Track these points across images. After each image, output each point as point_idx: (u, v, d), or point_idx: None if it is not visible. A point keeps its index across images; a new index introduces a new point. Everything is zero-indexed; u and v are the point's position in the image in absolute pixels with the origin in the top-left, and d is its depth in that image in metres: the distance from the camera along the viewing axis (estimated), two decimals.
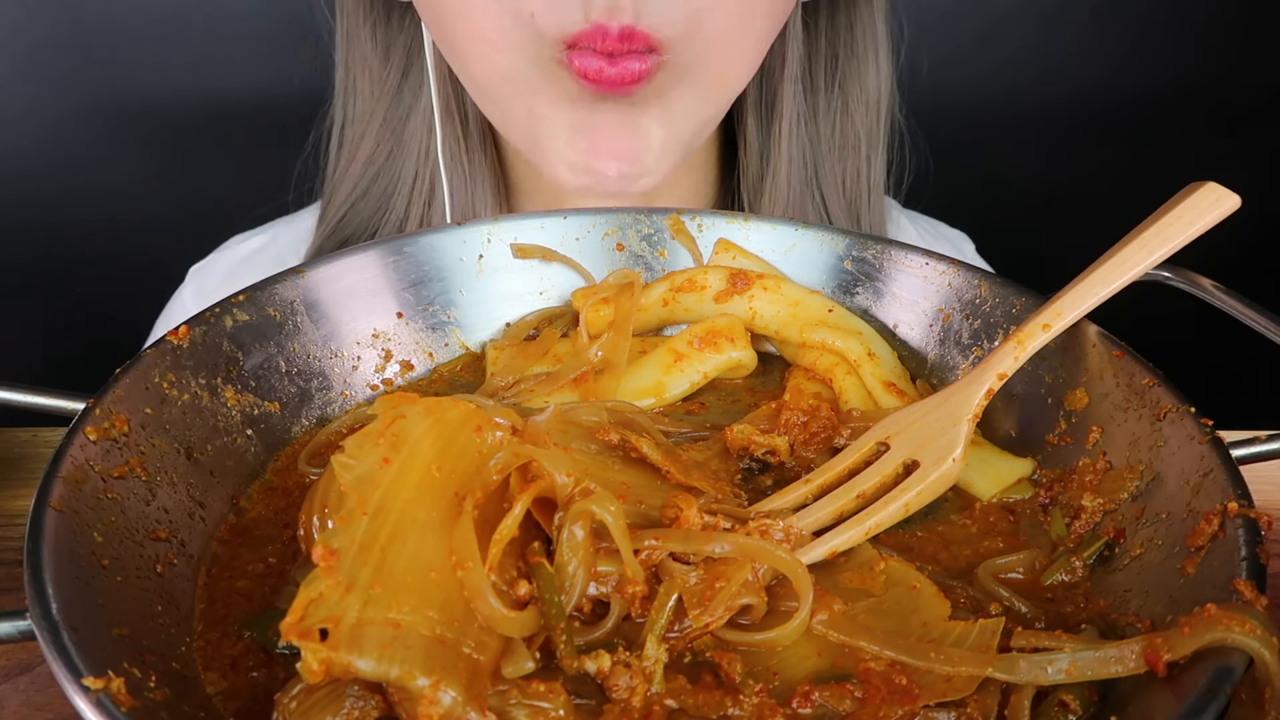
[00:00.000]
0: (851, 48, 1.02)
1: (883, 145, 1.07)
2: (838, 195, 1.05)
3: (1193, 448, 0.55)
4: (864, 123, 1.04)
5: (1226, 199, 0.63)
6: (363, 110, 1.03)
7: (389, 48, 1.01)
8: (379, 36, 1.01)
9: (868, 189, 1.07)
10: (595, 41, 0.76)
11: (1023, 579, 0.57)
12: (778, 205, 1.02)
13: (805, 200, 1.03)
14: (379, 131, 1.02)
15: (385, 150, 1.03)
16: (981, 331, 0.71)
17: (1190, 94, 1.63)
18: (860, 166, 1.05)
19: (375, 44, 1.01)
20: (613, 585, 0.52)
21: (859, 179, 1.06)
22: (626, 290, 0.74)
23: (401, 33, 1.00)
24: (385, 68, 1.01)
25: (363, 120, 1.03)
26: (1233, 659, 0.44)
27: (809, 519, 0.58)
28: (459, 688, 0.44)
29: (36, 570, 0.46)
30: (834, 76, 1.03)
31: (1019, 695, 0.47)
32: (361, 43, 1.01)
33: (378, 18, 1.00)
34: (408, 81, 1.01)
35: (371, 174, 1.03)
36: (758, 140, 1.02)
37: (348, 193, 1.04)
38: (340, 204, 1.04)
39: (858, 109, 1.04)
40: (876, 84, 1.04)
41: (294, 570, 0.56)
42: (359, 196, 1.04)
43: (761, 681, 0.49)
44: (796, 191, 1.02)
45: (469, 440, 0.53)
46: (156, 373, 0.60)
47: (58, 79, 1.48)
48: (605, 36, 0.75)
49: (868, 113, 1.04)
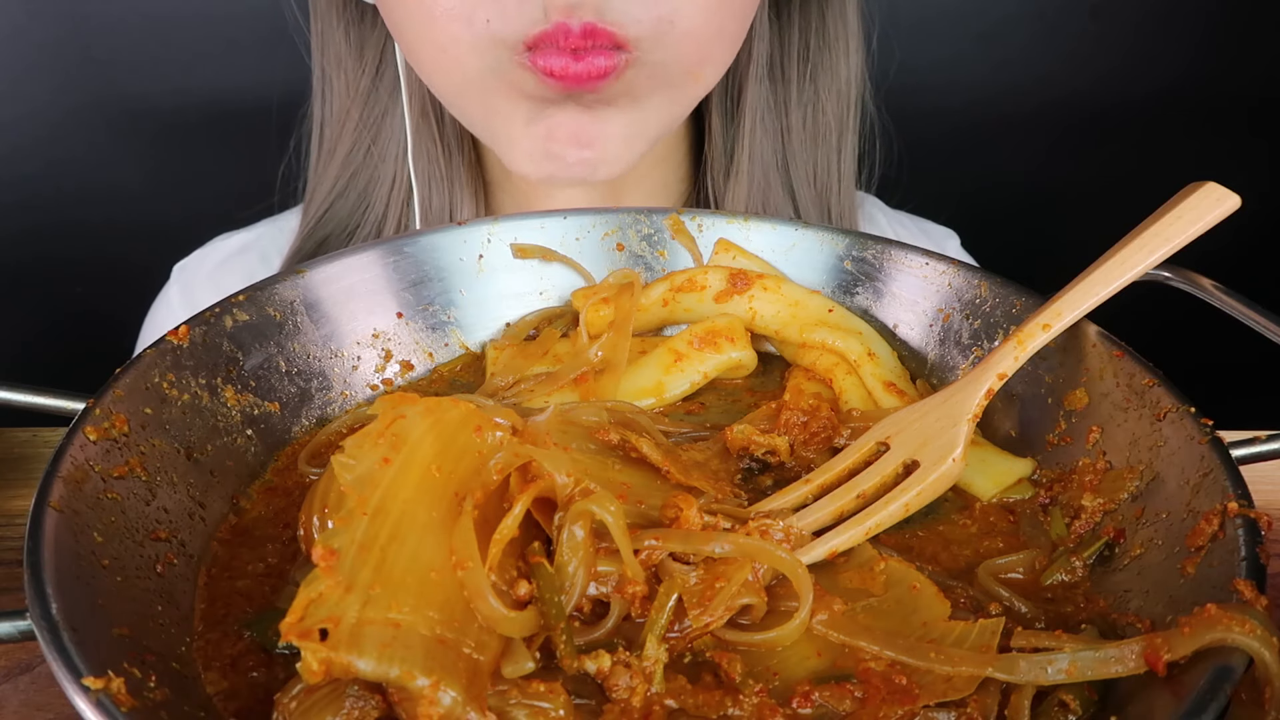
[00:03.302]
0: (824, 38, 1.02)
1: (852, 134, 1.06)
2: (808, 185, 1.05)
3: (1193, 448, 0.55)
4: (835, 112, 1.04)
5: (1226, 199, 0.63)
6: (339, 110, 1.03)
7: (362, 48, 1.01)
8: (352, 37, 1.00)
9: (838, 179, 1.06)
10: (558, 40, 0.74)
11: (1023, 579, 0.57)
12: (741, 197, 1.01)
13: (773, 190, 1.03)
14: (355, 131, 1.02)
15: (363, 149, 1.02)
16: (981, 331, 0.71)
17: (1190, 94, 1.63)
18: (830, 157, 1.05)
19: (349, 44, 1.01)
20: (613, 585, 0.52)
21: (829, 169, 1.06)
22: (626, 290, 0.74)
23: (374, 32, 1.00)
24: (359, 68, 1.01)
25: (339, 120, 1.03)
26: (1233, 659, 0.43)
27: (809, 519, 0.58)
28: (459, 688, 0.44)
29: (36, 570, 0.46)
30: (805, 67, 1.03)
31: (1019, 695, 0.47)
32: (335, 43, 1.01)
33: (350, 18, 1.00)
34: (383, 81, 1.01)
35: (349, 173, 1.03)
36: (723, 133, 1.02)
37: (326, 192, 1.04)
38: (319, 203, 1.04)
39: (829, 99, 1.04)
40: (848, 73, 1.04)
41: (294, 570, 0.56)
42: (337, 195, 1.04)
43: (761, 681, 0.49)
44: (762, 183, 1.02)
45: (469, 440, 0.53)
46: (156, 373, 0.60)
47: (58, 80, 1.48)
48: (568, 34, 0.74)
49: (839, 102, 1.04)
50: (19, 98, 1.48)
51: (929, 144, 1.46)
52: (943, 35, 1.60)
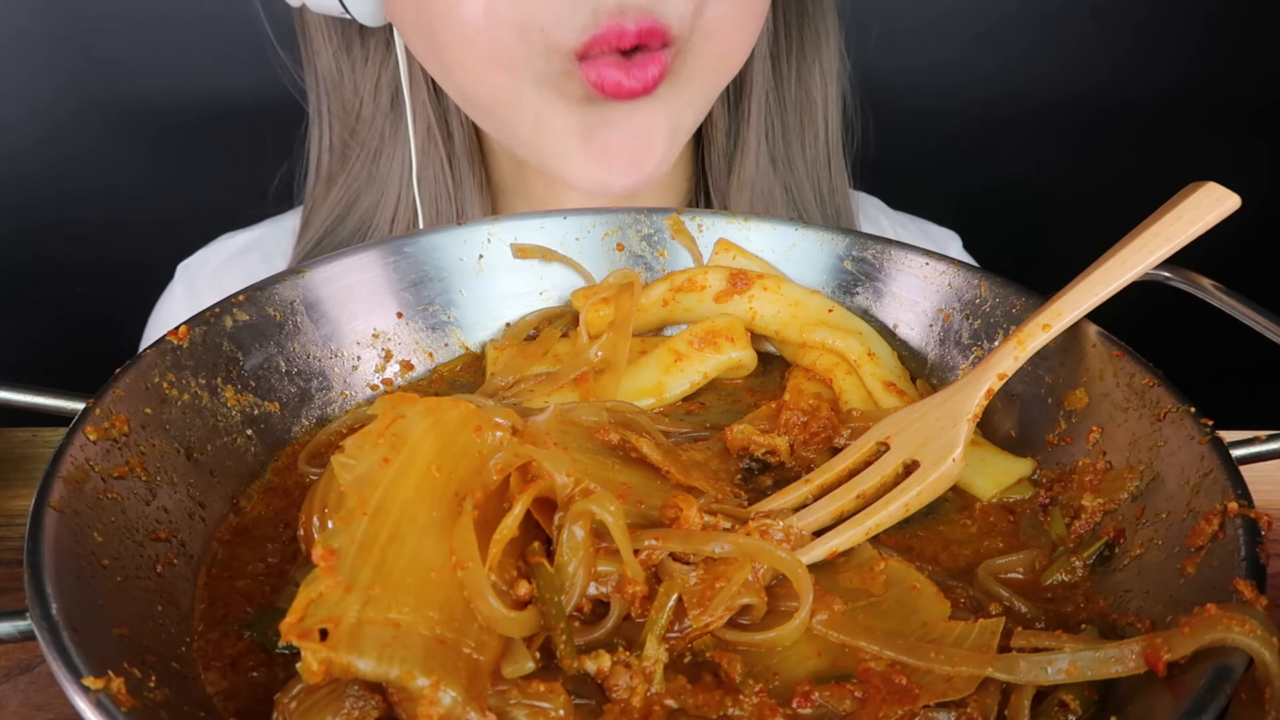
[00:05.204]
0: (814, 27, 1.03)
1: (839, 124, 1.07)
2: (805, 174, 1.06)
3: (1193, 448, 0.55)
4: (822, 102, 1.05)
5: (1226, 199, 0.63)
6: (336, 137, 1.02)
7: (354, 72, 0.99)
8: (344, 62, 0.99)
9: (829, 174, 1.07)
10: (611, 42, 0.74)
11: (1023, 579, 0.57)
12: (745, 187, 1.02)
13: (773, 181, 1.03)
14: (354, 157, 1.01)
15: (362, 175, 1.01)
16: (981, 331, 0.71)
17: (1190, 94, 1.63)
18: (820, 148, 1.06)
19: (340, 71, 1.00)
20: (613, 585, 0.52)
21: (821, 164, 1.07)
22: (626, 290, 0.74)
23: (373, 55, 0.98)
24: (356, 95, 1.00)
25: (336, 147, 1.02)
26: (1233, 659, 0.43)
27: (809, 519, 0.58)
28: (459, 688, 0.44)
29: (36, 570, 0.46)
30: (793, 57, 1.03)
31: (1019, 695, 0.47)
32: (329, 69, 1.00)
33: (339, 44, 0.99)
34: (379, 105, 1.00)
35: (348, 199, 1.02)
36: (725, 119, 1.02)
37: (324, 218, 1.03)
38: (317, 227, 1.03)
39: (817, 89, 1.05)
40: (832, 63, 1.05)
41: (294, 570, 0.56)
42: (336, 221, 1.03)
43: (761, 681, 0.49)
44: (766, 172, 1.02)
45: (469, 440, 0.53)
46: (156, 373, 0.60)
47: (58, 80, 1.48)
48: (622, 34, 0.73)
49: (825, 91, 1.05)
50: (19, 98, 1.48)
51: (930, 144, 1.46)
52: (944, 35, 1.60)
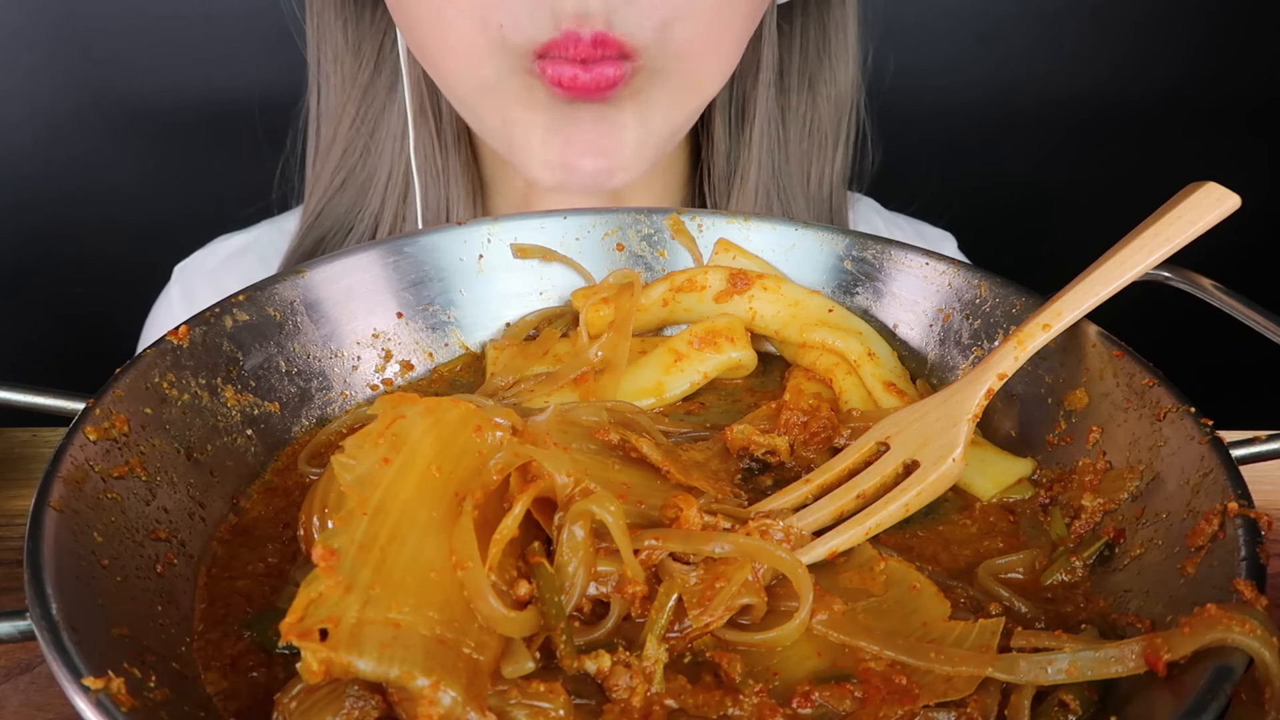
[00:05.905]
0: (825, 47, 1.03)
1: (845, 143, 1.07)
2: (802, 190, 1.06)
3: (1193, 448, 0.55)
4: (830, 120, 1.05)
5: (1226, 199, 0.63)
6: (335, 105, 1.03)
7: (360, 44, 1.01)
8: (350, 31, 1.00)
9: (830, 184, 1.07)
10: (567, 49, 0.75)
11: (1023, 579, 0.57)
12: (745, 206, 1.02)
13: (770, 198, 1.03)
14: (352, 126, 1.02)
15: (360, 144, 1.03)
16: (981, 331, 0.71)
17: (1190, 94, 1.63)
18: (825, 165, 1.06)
19: (346, 39, 1.01)
20: (613, 585, 0.52)
21: (822, 176, 1.07)
22: (626, 290, 0.74)
23: (373, 27, 1.00)
24: (357, 62, 1.01)
25: (335, 115, 1.03)
26: (1233, 659, 0.43)
27: (809, 519, 0.58)
28: (459, 688, 0.44)
29: (36, 570, 0.46)
30: (805, 77, 1.03)
31: (1019, 695, 0.47)
32: (332, 38, 1.01)
33: (349, 14, 1.00)
34: (380, 78, 1.01)
35: (346, 169, 1.03)
36: (725, 142, 1.02)
37: (324, 187, 1.04)
38: (318, 198, 1.04)
39: (826, 107, 1.05)
40: (846, 81, 1.04)
41: (294, 570, 0.56)
42: (335, 191, 1.04)
43: (761, 681, 0.49)
44: (764, 192, 1.03)
45: (469, 440, 0.53)
46: (156, 373, 0.60)
47: (58, 80, 1.48)
48: (578, 43, 0.75)
49: (835, 111, 1.05)
50: (19, 98, 1.48)
51: (930, 144, 1.46)
52: (944, 35, 1.60)
